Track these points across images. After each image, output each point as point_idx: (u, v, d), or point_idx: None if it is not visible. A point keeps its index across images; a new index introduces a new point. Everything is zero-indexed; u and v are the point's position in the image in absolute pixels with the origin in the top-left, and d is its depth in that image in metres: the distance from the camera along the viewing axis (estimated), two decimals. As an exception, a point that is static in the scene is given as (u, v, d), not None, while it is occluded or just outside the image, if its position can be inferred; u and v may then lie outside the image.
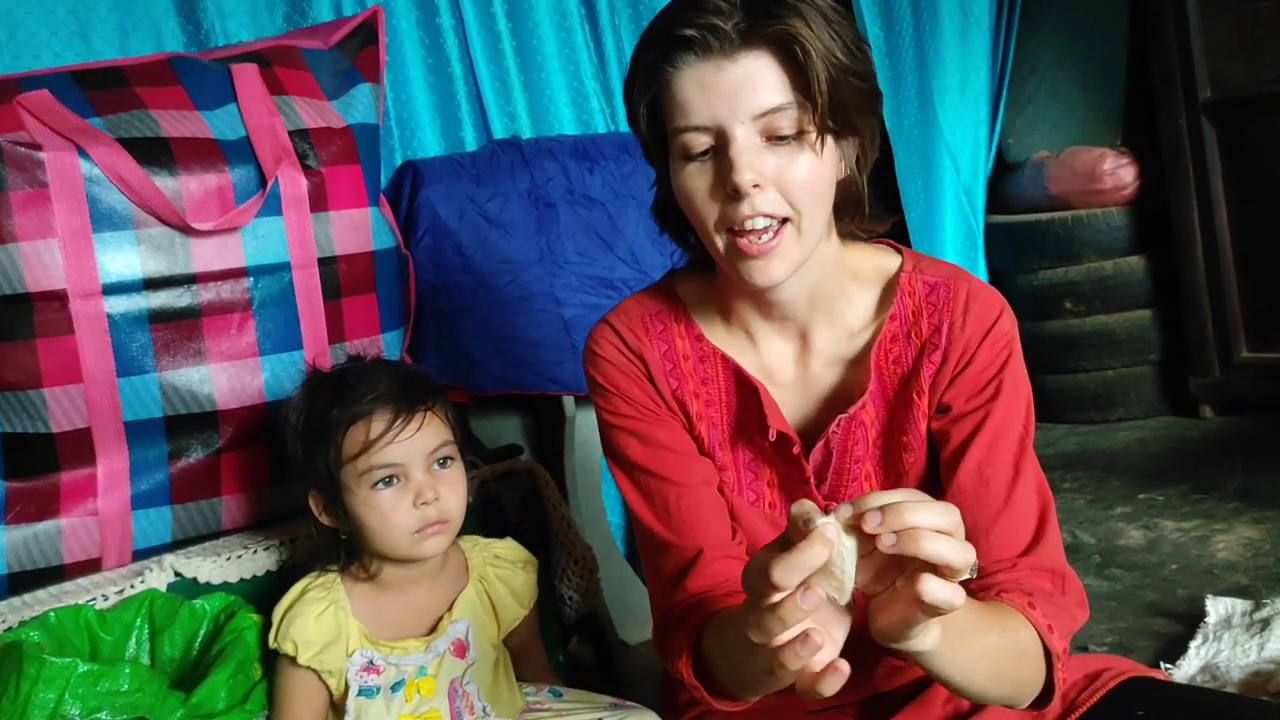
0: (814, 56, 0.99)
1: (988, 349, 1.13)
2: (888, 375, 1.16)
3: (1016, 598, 1.05)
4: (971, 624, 0.95)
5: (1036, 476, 1.13)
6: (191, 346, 1.50)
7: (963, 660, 0.94)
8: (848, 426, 1.15)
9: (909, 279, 1.16)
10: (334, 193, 1.62)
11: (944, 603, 0.79)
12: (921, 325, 1.14)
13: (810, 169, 1.03)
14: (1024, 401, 1.14)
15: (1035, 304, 3.28)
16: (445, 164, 2.12)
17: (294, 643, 1.28)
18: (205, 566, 1.46)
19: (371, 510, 1.29)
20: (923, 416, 1.15)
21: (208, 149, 1.52)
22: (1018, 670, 1.02)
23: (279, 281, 1.57)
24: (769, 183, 1.02)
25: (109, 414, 1.45)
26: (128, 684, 1.17)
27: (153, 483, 1.51)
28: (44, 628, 1.28)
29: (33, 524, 1.44)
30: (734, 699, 1.04)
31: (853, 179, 1.10)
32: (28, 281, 1.39)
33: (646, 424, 1.19)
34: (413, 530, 1.29)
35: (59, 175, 1.40)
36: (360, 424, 1.29)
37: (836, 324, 1.17)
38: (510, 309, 2.05)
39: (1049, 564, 1.10)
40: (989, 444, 1.11)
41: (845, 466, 1.17)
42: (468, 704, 1.33)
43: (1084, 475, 2.83)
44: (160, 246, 1.47)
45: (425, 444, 1.30)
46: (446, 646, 1.33)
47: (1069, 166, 3.21)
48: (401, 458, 1.29)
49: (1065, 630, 1.06)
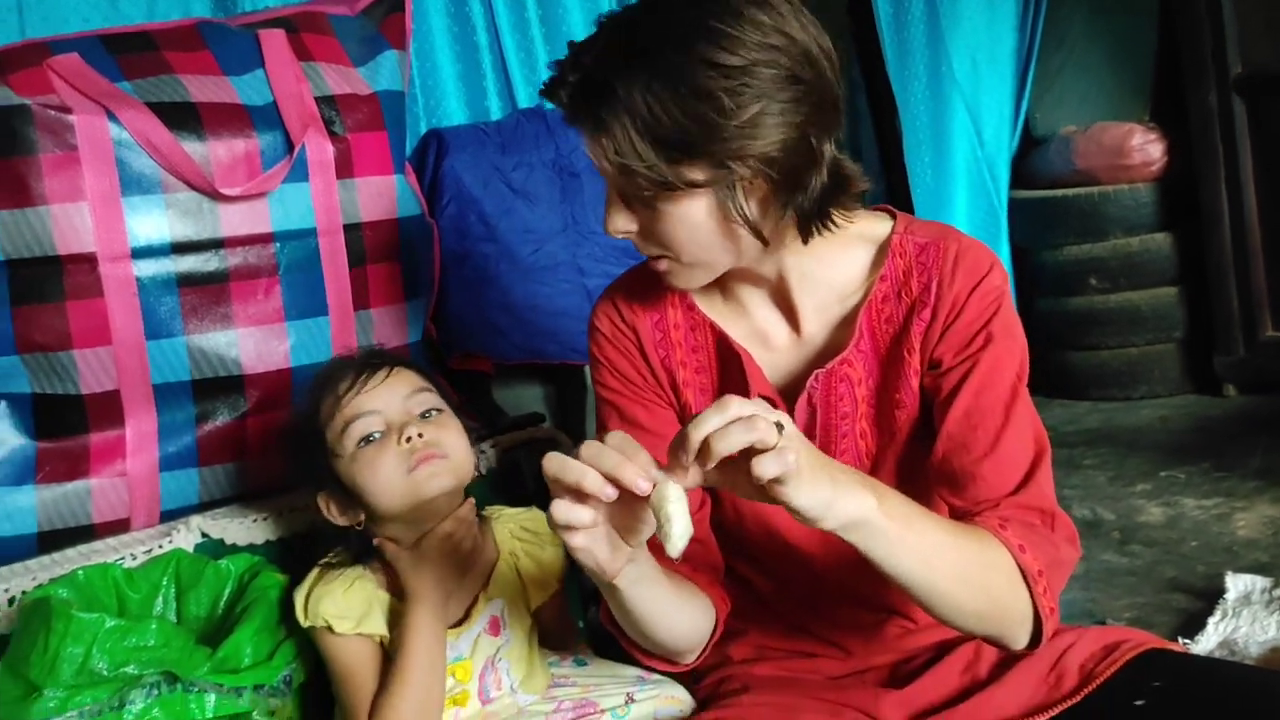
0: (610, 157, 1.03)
1: (976, 303, 1.14)
2: (880, 334, 1.18)
3: (989, 520, 1.08)
4: (920, 515, 1.00)
5: (1032, 424, 1.15)
6: (218, 311, 1.52)
7: (913, 546, 0.98)
8: (827, 381, 1.18)
9: (900, 240, 1.18)
10: (360, 159, 1.63)
11: (778, 470, 0.86)
12: (912, 284, 1.17)
13: (663, 220, 1.08)
14: (1016, 350, 1.15)
15: (1060, 280, 3.26)
16: (470, 133, 2.12)
17: (325, 618, 1.26)
18: (231, 528, 1.48)
19: (361, 466, 1.26)
20: (914, 374, 1.17)
21: (235, 114, 1.53)
22: (987, 577, 1.04)
23: (305, 247, 1.58)
24: (636, 230, 1.11)
25: (138, 376, 1.47)
26: (154, 639, 1.19)
27: (180, 445, 1.52)
28: (73, 585, 1.30)
29: (63, 484, 1.46)
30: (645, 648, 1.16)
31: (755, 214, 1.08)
32: (58, 244, 1.41)
33: (628, 400, 1.25)
34: (404, 469, 1.26)
35: (88, 139, 1.41)
36: (329, 391, 1.31)
37: (823, 289, 1.20)
38: (534, 278, 2.05)
39: (1036, 503, 1.11)
40: (977, 391, 1.13)
41: (832, 423, 1.19)
42: (496, 680, 1.31)
43: (1106, 452, 2.82)
44: (188, 211, 1.48)
45: (396, 392, 1.30)
46: (481, 628, 1.32)
47: (1096, 141, 3.19)
48: (376, 405, 1.29)
49: (1048, 557, 1.07)
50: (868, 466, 1.21)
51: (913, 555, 0.98)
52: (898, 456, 1.21)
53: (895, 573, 0.99)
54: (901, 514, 0.98)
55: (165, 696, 1.19)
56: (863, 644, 1.27)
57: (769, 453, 0.87)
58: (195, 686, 1.20)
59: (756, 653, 1.30)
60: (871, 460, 1.21)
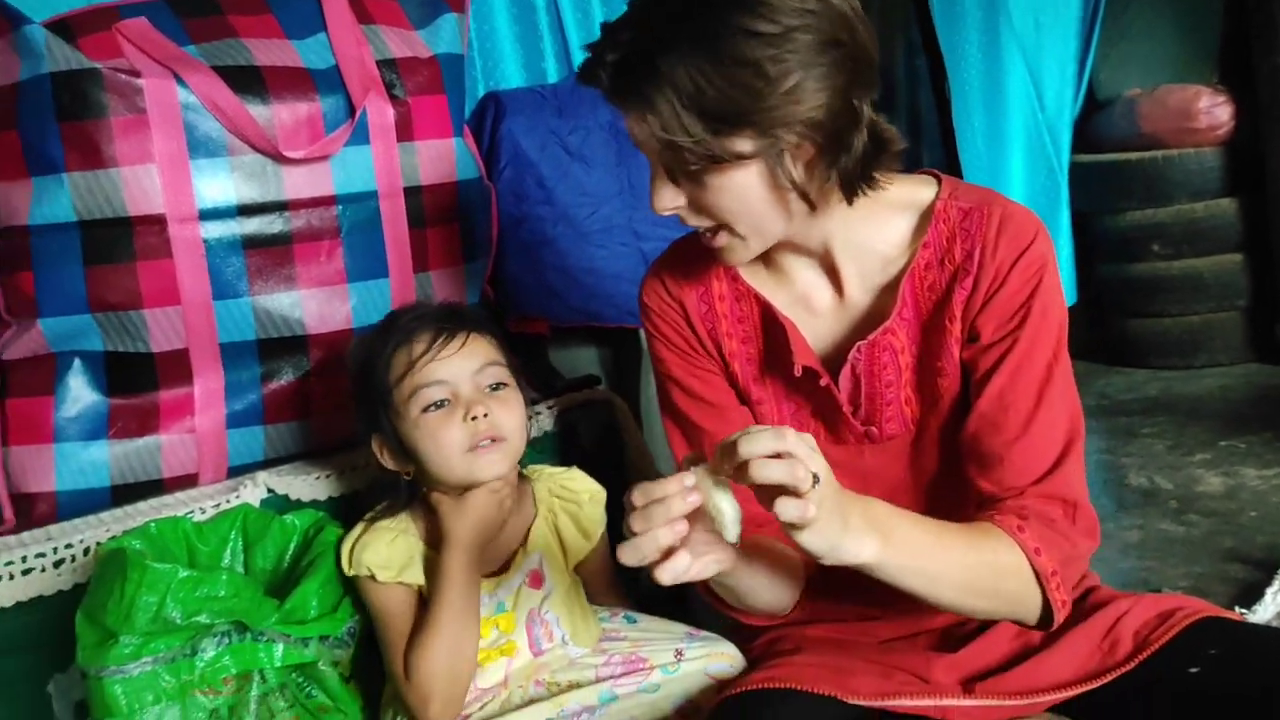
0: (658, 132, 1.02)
1: (1019, 273, 1.14)
2: (923, 301, 1.19)
3: (1007, 520, 1.10)
4: (928, 541, 1.04)
5: (1065, 405, 1.15)
6: (283, 272, 1.55)
7: (920, 572, 1.03)
8: (870, 352, 1.18)
9: (944, 206, 1.18)
10: (420, 123, 1.65)
11: (795, 519, 0.90)
12: (955, 251, 1.17)
13: (715, 193, 1.07)
14: (1055, 325, 1.15)
15: (1121, 246, 3.21)
16: (527, 96, 2.12)
17: (369, 567, 1.29)
18: (296, 484, 1.52)
19: (423, 433, 1.29)
20: (955, 342, 1.17)
21: (299, 78, 1.55)
22: (998, 584, 1.08)
23: (366, 210, 1.60)
24: (685, 204, 1.10)
25: (205, 335, 1.50)
26: (225, 590, 1.22)
27: (246, 403, 1.56)
28: (145, 537, 1.34)
29: (134, 439, 1.50)
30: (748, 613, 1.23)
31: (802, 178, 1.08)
32: (128, 205, 1.44)
33: (686, 373, 1.28)
34: (465, 448, 1.28)
35: (157, 102, 1.44)
36: (403, 348, 1.31)
37: (867, 255, 1.20)
38: (590, 241, 2.06)
39: (1060, 492, 1.12)
40: (1013, 371, 1.14)
41: (876, 391, 1.20)
42: (546, 632, 1.34)
43: (1164, 421, 2.79)
44: (253, 174, 1.51)
45: (470, 363, 1.31)
46: (521, 580, 1.36)
47: (1162, 104, 3.13)
48: (446, 375, 1.30)
49: (1063, 555, 1.10)
50: (912, 433, 1.22)
51: (919, 580, 1.04)
52: (941, 423, 1.21)
53: (904, 590, 1.04)
54: (910, 548, 1.02)
55: (235, 645, 1.23)
56: (914, 608, 1.27)
57: (794, 499, 0.90)
58: (264, 636, 1.24)
59: (809, 615, 1.31)
60: (916, 427, 1.22)
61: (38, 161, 1.42)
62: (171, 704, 1.19)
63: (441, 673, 1.24)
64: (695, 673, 1.29)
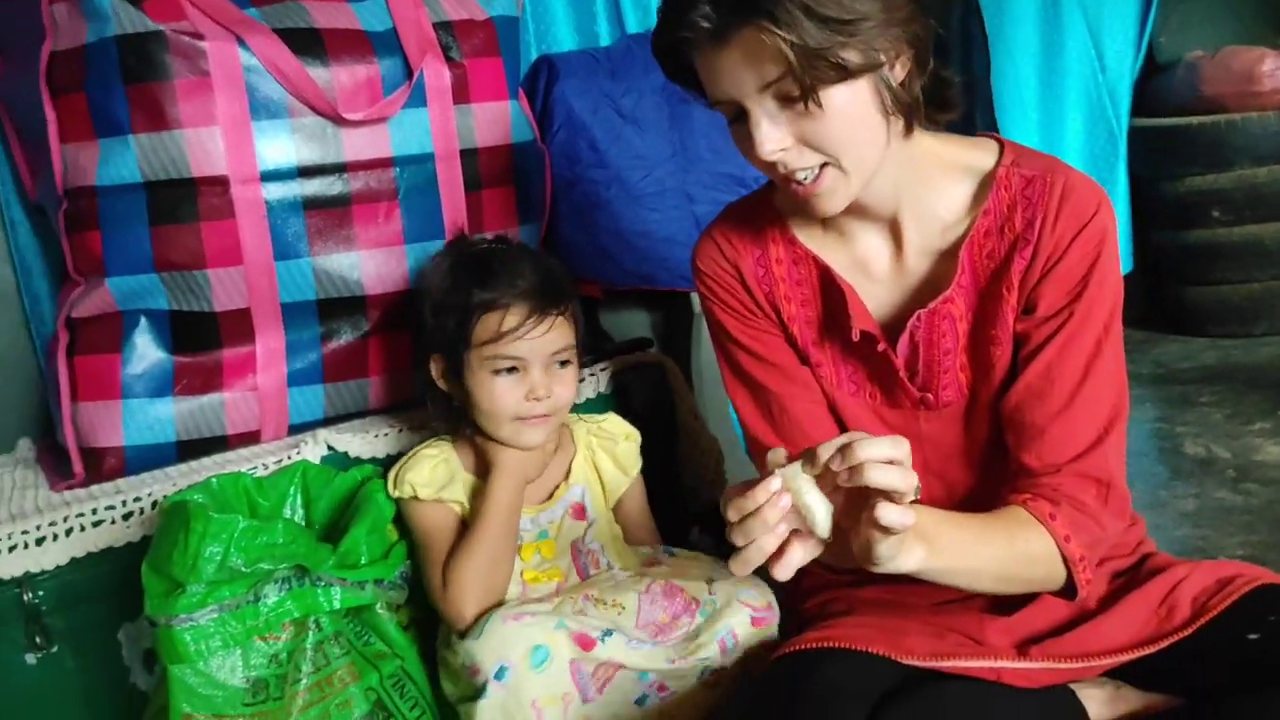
0: (783, 40, 0.99)
1: (1079, 247, 1.13)
2: (981, 269, 1.18)
3: (1041, 506, 1.11)
4: (969, 540, 1.06)
5: (1111, 382, 1.15)
6: (342, 233, 1.57)
7: (961, 571, 1.05)
8: (930, 320, 1.18)
9: (1006, 173, 1.17)
10: (475, 85, 1.66)
11: (896, 524, 0.90)
12: (1015, 220, 1.16)
13: (831, 119, 1.05)
14: (1109, 300, 1.14)
15: (1179, 212, 3.15)
16: (580, 59, 2.12)
17: (411, 485, 1.37)
18: (355, 442, 1.54)
19: (485, 390, 1.36)
20: (1011, 312, 1.17)
21: (357, 40, 1.56)
22: (1028, 572, 1.11)
23: (423, 172, 1.61)
24: (793, 142, 1.07)
25: (267, 295, 1.53)
26: (283, 537, 1.25)
27: (306, 362, 1.59)
28: (207, 491, 1.37)
29: (198, 396, 1.54)
30: None
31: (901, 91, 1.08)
32: (192, 167, 1.46)
33: (745, 335, 1.28)
34: (517, 415, 1.36)
35: (220, 64, 1.46)
36: (496, 314, 1.35)
37: (927, 218, 1.19)
38: (643, 205, 2.06)
39: (1096, 472, 1.13)
40: (1063, 345, 1.14)
41: (934, 359, 1.20)
42: (593, 560, 1.43)
43: (1223, 389, 2.74)
44: (313, 136, 1.53)
45: (550, 345, 1.37)
46: (564, 511, 1.43)
47: (1225, 67, 3.05)
48: (526, 353, 1.35)
49: (1091, 539, 1.12)
50: (967, 399, 1.22)
51: (958, 577, 1.06)
52: (993, 394, 1.20)
53: (942, 583, 1.06)
54: (952, 551, 1.03)
55: (296, 590, 1.26)
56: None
57: (898, 505, 0.91)
58: (322, 580, 1.27)
59: (862, 576, 1.32)
60: (969, 394, 1.22)
61: (105, 123, 1.45)
62: (235, 649, 1.23)
63: (478, 584, 1.32)
64: (729, 603, 1.33)
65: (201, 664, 1.21)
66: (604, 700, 1.27)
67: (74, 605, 1.40)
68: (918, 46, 1.07)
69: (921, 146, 1.16)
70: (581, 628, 1.26)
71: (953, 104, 1.14)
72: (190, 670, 1.21)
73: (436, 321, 1.40)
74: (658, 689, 1.30)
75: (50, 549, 1.37)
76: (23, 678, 1.38)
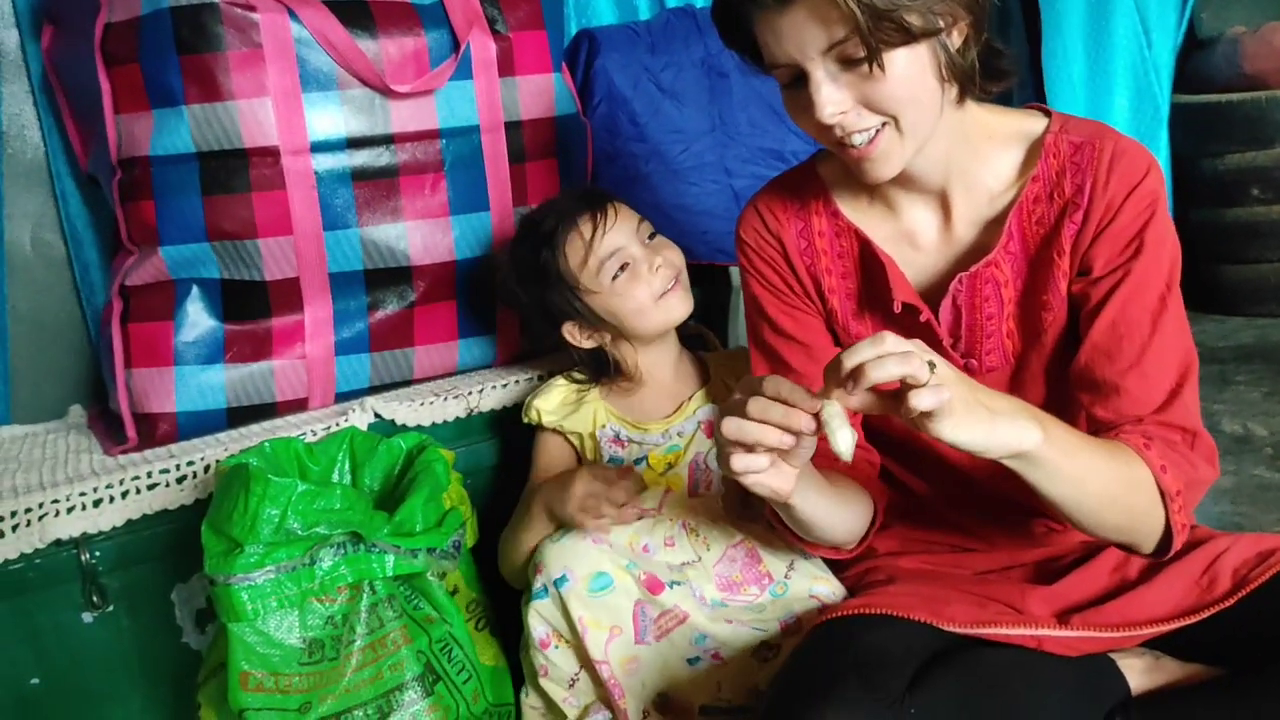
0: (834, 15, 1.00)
1: (1131, 207, 1.13)
2: (1030, 235, 1.18)
3: (1133, 438, 1.09)
4: (1076, 442, 1.03)
5: (1179, 335, 1.14)
6: (389, 204, 1.59)
7: (1069, 473, 1.01)
8: (971, 284, 1.19)
9: (1055, 140, 1.18)
10: (520, 58, 1.67)
11: (932, 404, 0.90)
12: (1064, 185, 1.16)
13: (892, 81, 1.05)
14: (1167, 259, 1.14)
15: (1219, 190, 3.12)
16: (621, 32, 2.13)
17: (538, 410, 1.51)
18: (401, 410, 1.57)
19: (621, 297, 1.46)
20: (1063, 277, 1.17)
21: (404, 13, 1.58)
22: (1130, 497, 1.07)
23: (469, 144, 1.63)
24: (853, 104, 1.07)
25: (316, 265, 1.55)
26: (340, 503, 1.27)
27: (353, 331, 1.61)
28: (261, 455, 1.40)
29: (248, 364, 1.56)
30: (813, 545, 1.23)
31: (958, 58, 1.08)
32: (244, 137, 1.48)
33: (778, 310, 1.29)
34: (656, 297, 1.46)
35: (272, 36, 1.48)
36: (572, 234, 1.46)
37: (975, 187, 1.20)
38: (682, 178, 2.07)
39: (1179, 420, 1.12)
40: (1125, 300, 1.13)
41: (977, 323, 1.21)
42: (706, 480, 1.48)
43: (1260, 368, 2.72)
44: (362, 107, 1.55)
45: (629, 224, 1.48)
46: (695, 426, 1.51)
47: (1268, 43, 3.01)
48: (619, 242, 1.46)
49: (1186, 477, 1.09)
50: (1013, 366, 1.22)
51: (1068, 482, 1.02)
52: (1044, 359, 1.21)
53: (1048, 495, 1.03)
54: (1062, 443, 1.00)
55: (351, 555, 1.29)
56: (1009, 540, 1.29)
57: (924, 388, 0.90)
58: (376, 547, 1.30)
59: (902, 546, 1.33)
60: (1016, 360, 1.22)
61: (159, 94, 1.47)
62: (291, 610, 1.26)
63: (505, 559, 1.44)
64: (800, 594, 1.33)
65: (259, 622, 1.24)
66: (657, 647, 1.30)
67: (129, 566, 1.43)
68: (976, 13, 1.07)
69: (972, 115, 1.17)
70: (652, 571, 1.30)
71: (1006, 74, 1.15)
72: (249, 628, 1.24)
73: (539, 298, 1.49)
74: (712, 655, 1.31)
75: (107, 511, 1.40)
76: (80, 636, 1.42)
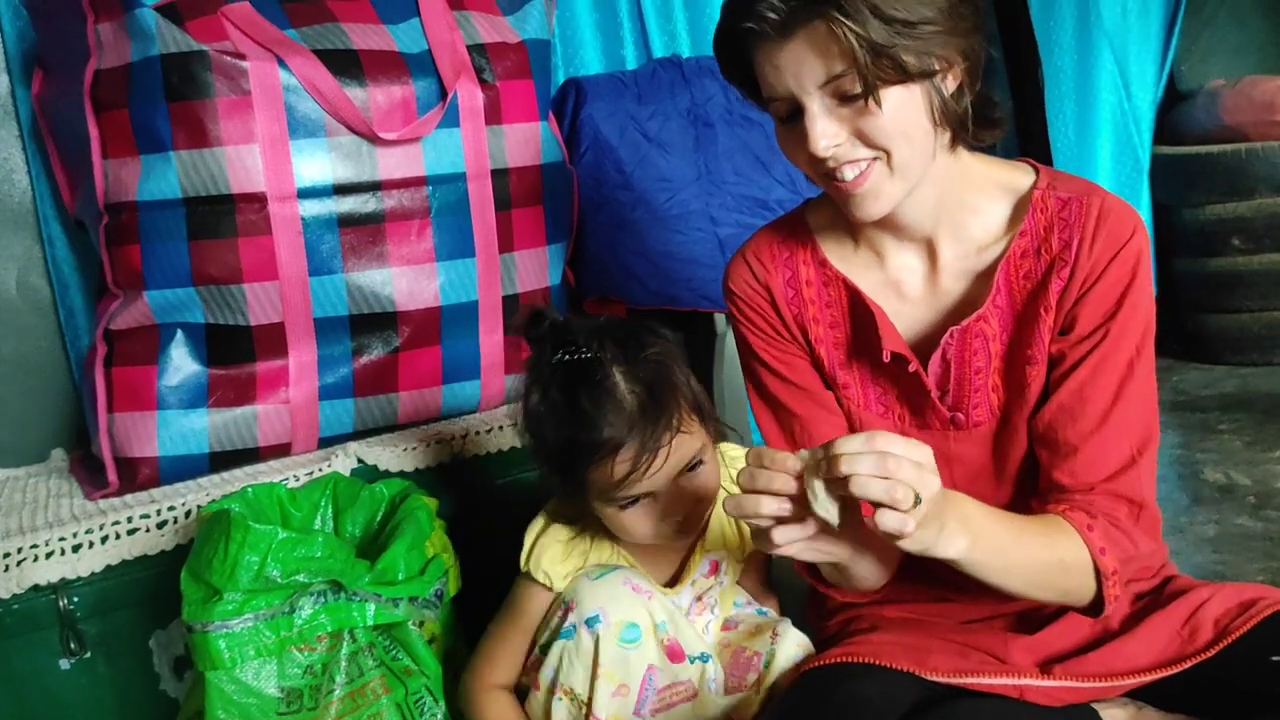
0: (850, 35, 1.02)
1: (1115, 269, 1.15)
2: (1017, 290, 1.19)
3: (1078, 517, 1.12)
4: (1009, 540, 1.07)
5: (1144, 405, 1.16)
6: (375, 250, 1.59)
7: (996, 569, 1.06)
8: (962, 338, 1.19)
9: (1043, 195, 1.19)
10: (508, 107, 1.69)
11: (893, 530, 0.92)
12: (1052, 241, 1.17)
13: (885, 115, 1.06)
14: (1140, 325, 1.16)
15: (1200, 240, 3.15)
16: (608, 81, 2.15)
17: (546, 574, 1.28)
18: (384, 455, 1.56)
19: (617, 526, 1.27)
20: (1048, 331, 1.18)
21: (393, 62, 1.60)
22: (1062, 581, 1.12)
23: (455, 191, 1.64)
24: (846, 137, 1.08)
25: (301, 310, 1.56)
26: (321, 551, 1.26)
27: (338, 376, 1.61)
28: (243, 501, 1.39)
29: (231, 408, 1.56)
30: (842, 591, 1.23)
31: (951, 103, 1.10)
32: (231, 183, 1.50)
33: (773, 358, 1.29)
34: (656, 533, 1.26)
35: (260, 84, 1.50)
36: (604, 464, 1.19)
37: (963, 238, 1.21)
38: (667, 226, 2.09)
39: (1129, 492, 1.15)
40: (1096, 365, 1.15)
41: (965, 378, 1.21)
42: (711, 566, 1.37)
43: (1242, 418, 2.74)
44: (349, 154, 1.56)
45: (672, 468, 1.22)
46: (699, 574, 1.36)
47: (1246, 96, 3.06)
48: (648, 489, 1.23)
49: (1124, 555, 1.13)
50: (997, 421, 1.23)
51: (998, 574, 1.07)
52: (1026, 413, 1.21)
53: (983, 581, 1.08)
54: (993, 546, 1.05)
55: (331, 604, 1.28)
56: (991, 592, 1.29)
57: (895, 511, 0.92)
58: (357, 596, 1.29)
59: (886, 595, 1.32)
60: (1001, 414, 1.23)
61: (147, 140, 1.48)
62: (270, 659, 1.25)
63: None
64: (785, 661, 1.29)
65: (236, 670, 1.23)
66: None
67: (107, 612, 1.42)
68: (971, 60, 1.09)
69: (963, 164, 1.19)
70: (679, 638, 1.25)
71: (998, 123, 1.16)
72: (225, 677, 1.22)
73: (550, 472, 1.28)
74: None
75: (86, 556, 1.40)
76: (57, 682, 1.40)
